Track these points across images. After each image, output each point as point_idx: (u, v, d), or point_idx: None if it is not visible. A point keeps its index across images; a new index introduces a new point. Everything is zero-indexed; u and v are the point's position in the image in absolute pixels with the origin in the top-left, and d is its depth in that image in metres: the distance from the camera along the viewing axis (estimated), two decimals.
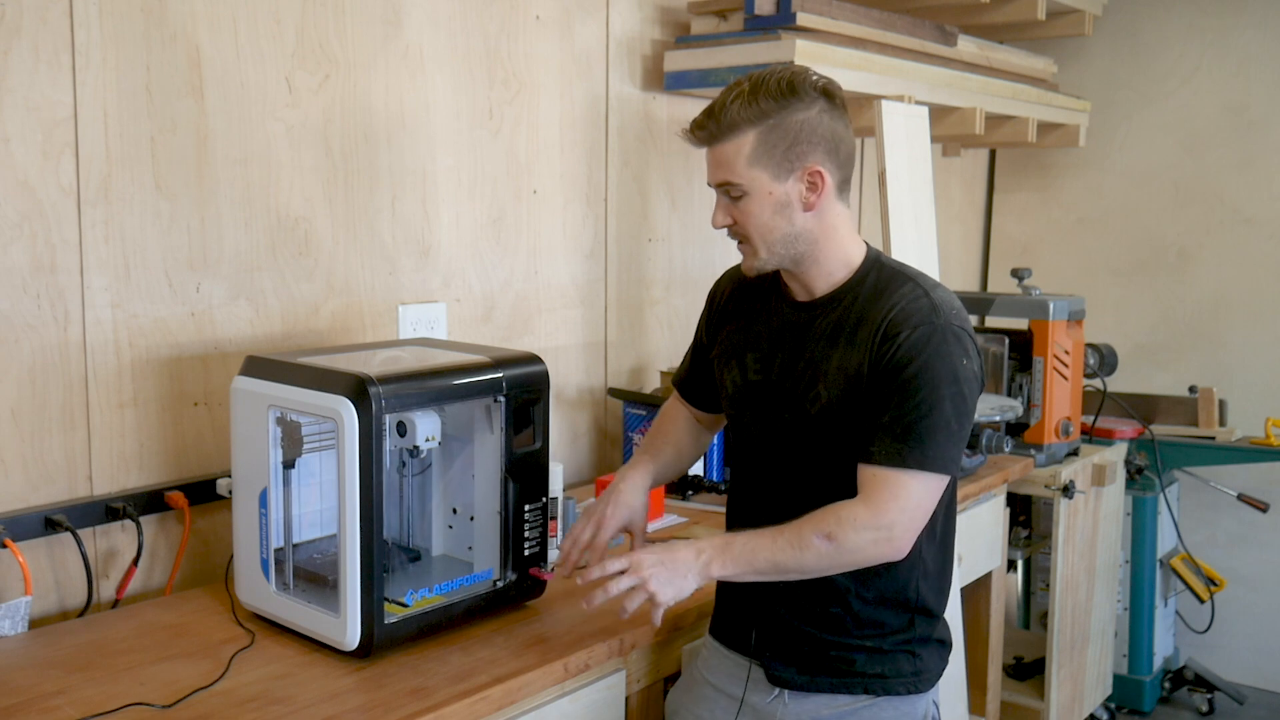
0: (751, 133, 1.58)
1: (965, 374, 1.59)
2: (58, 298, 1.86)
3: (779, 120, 1.58)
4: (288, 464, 1.78)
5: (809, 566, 1.57)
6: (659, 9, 2.96)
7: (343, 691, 1.58)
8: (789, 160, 1.59)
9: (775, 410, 1.70)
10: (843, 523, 1.55)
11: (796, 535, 1.56)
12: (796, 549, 1.56)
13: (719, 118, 1.60)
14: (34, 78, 1.80)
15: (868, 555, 1.57)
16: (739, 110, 1.58)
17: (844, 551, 1.55)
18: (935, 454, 1.56)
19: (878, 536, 1.55)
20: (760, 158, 1.59)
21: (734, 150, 1.59)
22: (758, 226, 1.62)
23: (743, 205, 1.62)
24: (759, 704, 1.73)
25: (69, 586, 1.90)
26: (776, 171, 1.60)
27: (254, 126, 2.09)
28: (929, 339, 1.57)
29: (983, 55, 3.50)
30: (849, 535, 1.54)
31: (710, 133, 1.61)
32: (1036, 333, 3.26)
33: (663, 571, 1.58)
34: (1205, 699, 3.87)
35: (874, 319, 1.62)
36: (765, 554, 1.57)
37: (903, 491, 1.56)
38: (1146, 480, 3.71)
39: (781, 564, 1.57)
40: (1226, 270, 4.12)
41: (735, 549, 1.59)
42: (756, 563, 1.58)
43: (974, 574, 2.97)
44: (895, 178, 2.81)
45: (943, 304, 1.62)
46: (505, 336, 2.62)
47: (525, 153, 2.63)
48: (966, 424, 1.61)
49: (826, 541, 1.55)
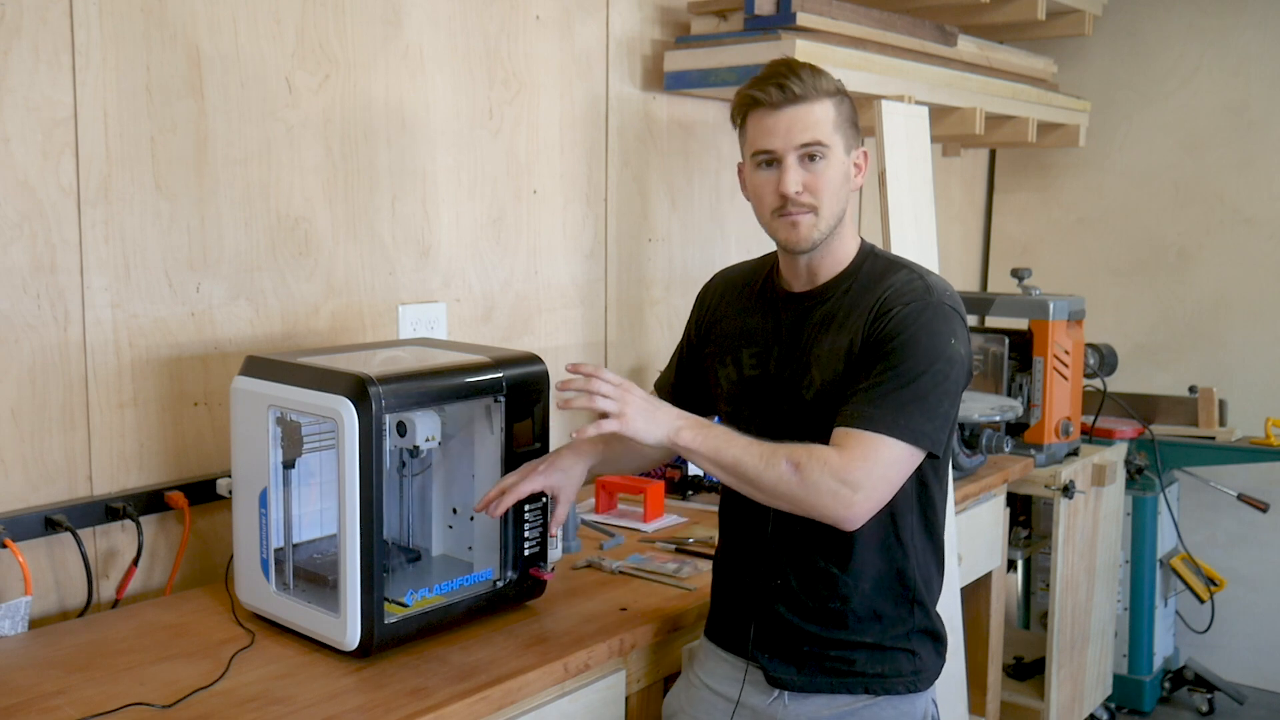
0: (831, 101, 1.64)
1: (951, 353, 1.60)
2: (58, 298, 1.86)
3: (844, 98, 1.66)
4: (288, 464, 1.78)
5: (766, 485, 1.56)
6: (659, 9, 2.96)
7: (343, 691, 1.58)
8: (853, 136, 1.68)
9: (773, 404, 1.71)
10: (813, 458, 1.54)
11: (770, 451, 1.56)
12: (763, 462, 1.56)
13: (804, 80, 1.62)
14: (34, 78, 1.80)
15: (825, 504, 1.55)
16: (819, 80, 1.63)
17: (805, 486, 1.54)
18: (907, 423, 1.55)
19: (838, 489, 1.53)
20: (840, 125, 1.65)
21: (823, 112, 1.63)
22: (831, 193, 1.64)
23: (821, 168, 1.63)
24: (758, 705, 1.73)
25: (69, 586, 1.90)
26: (848, 143, 1.66)
27: (254, 126, 2.09)
28: (920, 313, 1.60)
29: (983, 55, 3.50)
30: (814, 472, 1.53)
31: (803, 92, 1.62)
32: (1036, 333, 3.26)
33: (643, 404, 1.59)
34: (1205, 699, 3.87)
35: (867, 303, 1.64)
36: (734, 450, 1.57)
37: (873, 454, 1.55)
38: (1146, 480, 3.71)
39: (744, 467, 1.57)
40: (1226, 270, 4.12)
41: (713, 432, 1.60)
42: (723, 454, 1.58)
43: (974, 574, 2.97)
44: (895, 178, 2.81)
45: (936, 285, 1.65)
46: (505, 336, 2.62)
47: (525, 153, 2.63)
48: (947, 401, 1.60)
49: (793, 469, 1.54)
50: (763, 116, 1.64)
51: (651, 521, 2.43)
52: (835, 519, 1.56)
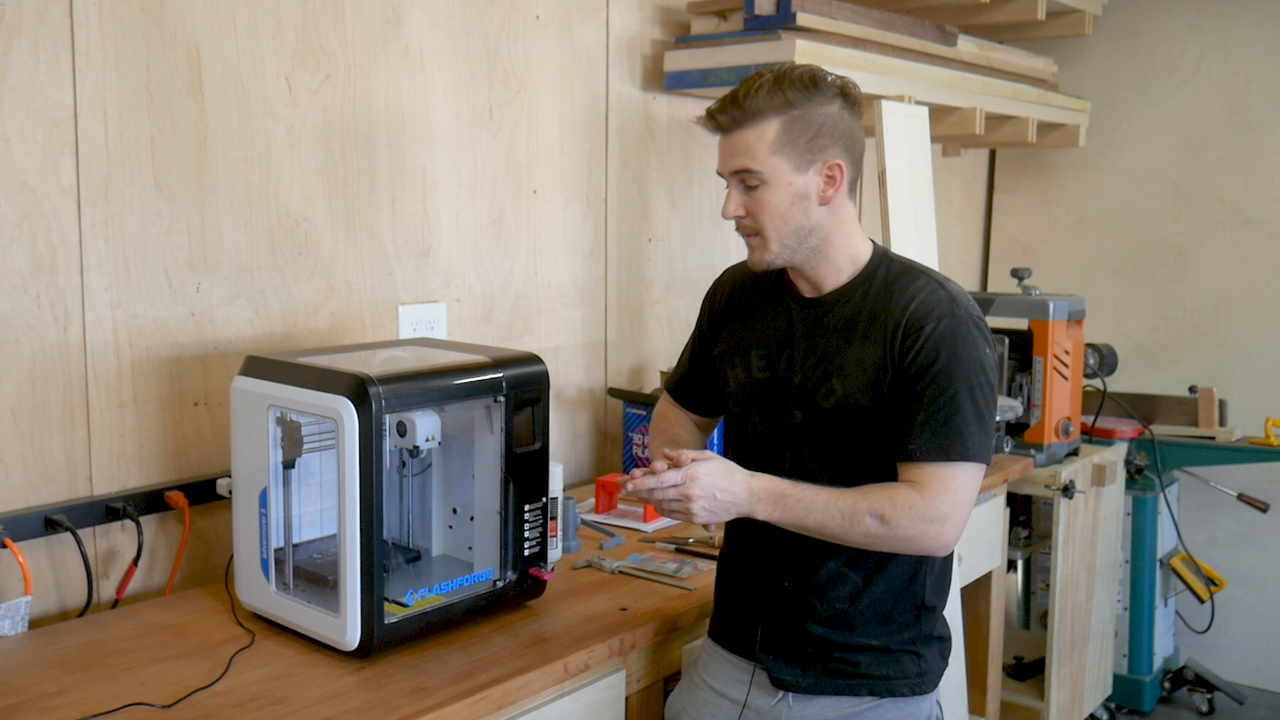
0: (775, 121, 1.59)
1: (988, 363, 1.62)
2: (58, 298, 1.86)
3: (803, 111, 1.59)
4: (288, 464, 1.78)
5: (854, 540, 1.59)
6: (659, 9, 2.96)
7: (343, 691, 1.58)
8: (810, 152, 1.60)
9: (784, 408, 1.70)
10: (898, 507, 1.55)
11: (851, 508, 1.56)
12: (848, 520, 1.56)
13: (743, 104, 1.59)
14: (34, 78, 1.80)
15: (918, 545, 1.58)
16: (764, 98, 1.58)
17: (895, 536, 1.56)
18: (974, 444, 1.58)
19: (929, 529, 1.56)
20: (783, 147, 1.59)
21: (756, 137, 1.59)
22: (773, 217, 1.62)
23: (759, 195, 1.61)
24: (762, 707, 1.72)
25: (69, 586, 1.90)
26: (798, 162, 1.60)
27: (254, 126, 2.09)
28: (954, 331, 1.59)
29: (982, 55, 3.50)
30: (903, 521, 1.55)
31: (733, 118, 1.60)
32: (1036, 333, 3.26)
33: (710, 502, 1.58)
34: (1205, 699, 3.87)
35: (890, 313, 1.63)
36: (817, 516, 1.58)
37: (952, 484, 1.57)
38: (1146, 480, 3.71)
39: (828, 530, 1.58)
40: (1226, 270, 4.12)
41: (789, 503, 1.59)
42: (805, 522, 1.59)
43: (974, 574, 2.97)
44: (895, 178, 2.81)
45: (959, 296, 1.64)
46: (505, 336, 2.62)
47: (525, 153, 2.63)
48: (994, 412, 1.63)
49: (879, 522, 1.55)
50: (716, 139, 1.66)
51: (651, 521, 2.42)
52: (929, 553, 1.61)
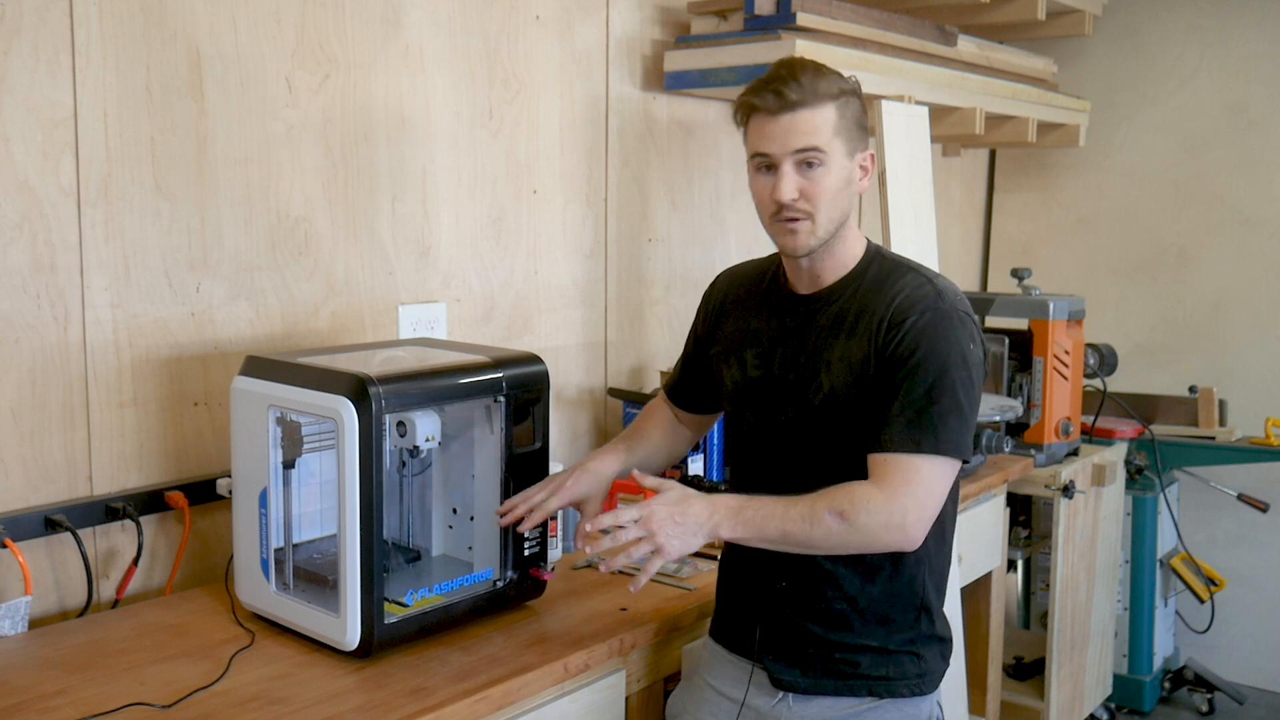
0: (832, 105, 1.60)
1: (972, 358, 1.61)
2: (58, 298, 1.86)
3: (849, 100, 1.62)
4: (288, 464, 1.78)
5: (818, 542, 1.57)
6: (659, 9, 2.96)
7: (343, 691, 1.58)
8: (855, 140, 1.63)
9: (777, 406, 1.70)
10: (856, 503, 1.54)
11: (810, 509, 1.56)
12: (808, 522, 1.55)
13: (804, 85, 1.59)
14: (34, 78, 1.80)
15: (879, 540, 1.56)
16: (822, 83, 1.59)
17: (855, 531, 1.55)
18: (947, 438, 1.57)
19: (889, 522, 1.54)
20: (841, 130, 1.61)
21: (822, 118, 1.59)
22: (828, 200, 1.62)
23: (817, 175, 1.61)
24: (762, 707, 1.73)
25: (69, 586, 1.90)
26: (850, 147, 1.62)
27: (254, 126, 2.09)
28: (935, 323, 1.59)
29: (982, 55, 3.50)
30: (861, 516, 1.54)
31: (800, 98, 1.59)
32: (1036, 333, 3.26)
33: (672, 527, 1.58)
34: (1205, 699, 3.87)
35: (876, 308, 1.63)
36: (776, 523, 1.57)
37: (915, 476, 1.56)
38: (1146, 480, 3.71)
39: (791, 535, 1.57)
40: (1226, 270, 4.12)
41: (748, 514, 1.58)
42: (767, 530, 1.58)
43: (974, 574, 2.97)
44: (895, 178, 2.81)
45: (947, 290, 1.64)
46: (505, 336, 2.62)
47: (525, 153, 2.63)
48: (975, 407, 1.62)
49: (839, 520, 1.54)
50: (762, 121, 1.62)
51: None
52: (895, 548, 1.58)
